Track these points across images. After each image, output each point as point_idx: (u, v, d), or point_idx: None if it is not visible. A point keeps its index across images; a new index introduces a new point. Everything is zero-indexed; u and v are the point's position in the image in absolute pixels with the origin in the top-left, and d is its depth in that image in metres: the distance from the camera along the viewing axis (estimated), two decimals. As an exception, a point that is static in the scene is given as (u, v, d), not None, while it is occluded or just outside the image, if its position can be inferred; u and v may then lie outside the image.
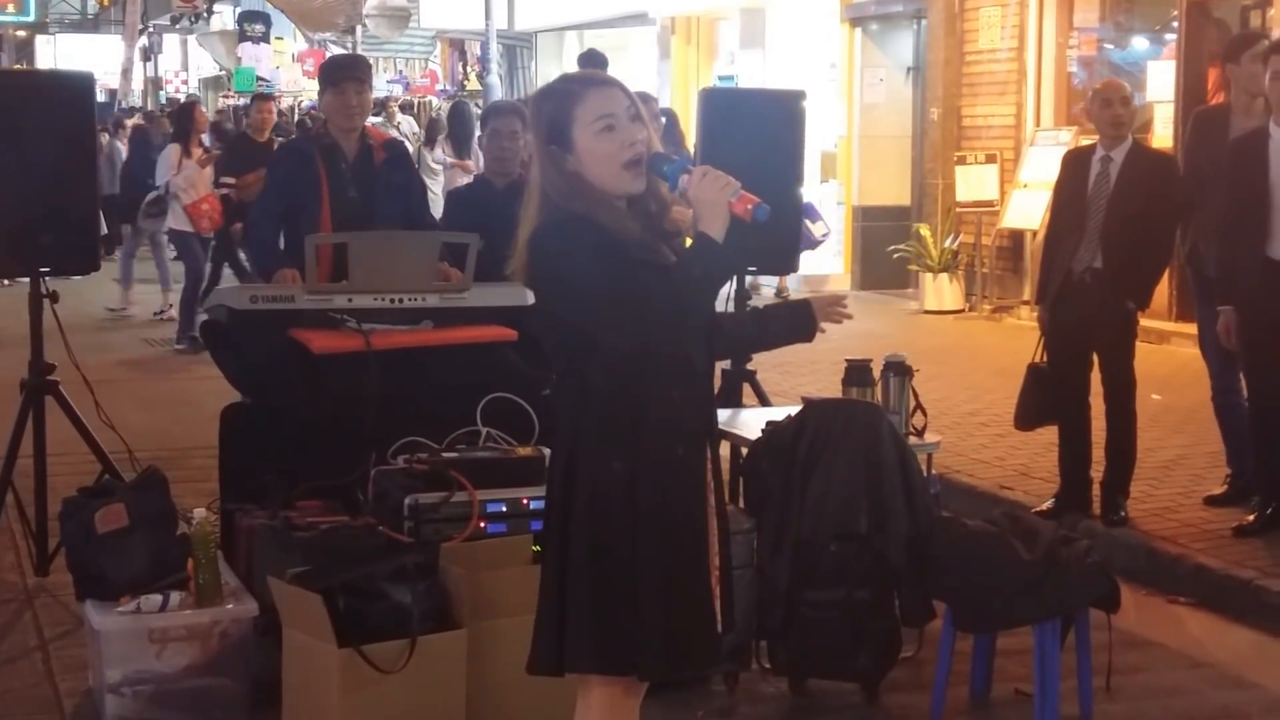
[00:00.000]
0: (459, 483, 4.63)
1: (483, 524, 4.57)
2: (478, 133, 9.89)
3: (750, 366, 6.82)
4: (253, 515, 4.86)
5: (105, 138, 21.22)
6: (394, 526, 4.55)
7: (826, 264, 15.09)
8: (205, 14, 33.19)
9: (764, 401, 6.72)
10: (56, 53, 39.81)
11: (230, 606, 4.43)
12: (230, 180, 11.26)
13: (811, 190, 13.43)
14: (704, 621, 3.20)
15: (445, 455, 4.83)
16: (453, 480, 4.63)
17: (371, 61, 8.57)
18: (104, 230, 9.86)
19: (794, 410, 4.91)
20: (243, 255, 11.38)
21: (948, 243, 13.41)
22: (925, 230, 13.63)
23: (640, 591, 3.12)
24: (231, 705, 4.40)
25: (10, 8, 33.29)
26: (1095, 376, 6.41)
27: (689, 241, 3.20)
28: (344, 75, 6.00)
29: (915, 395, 5.25)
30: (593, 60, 9.81)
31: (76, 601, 4.78)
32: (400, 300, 5.29)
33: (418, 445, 4.90)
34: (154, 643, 4.32)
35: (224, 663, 4.38)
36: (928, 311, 13.27)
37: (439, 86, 29.44)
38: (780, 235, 6.70)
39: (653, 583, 3.12)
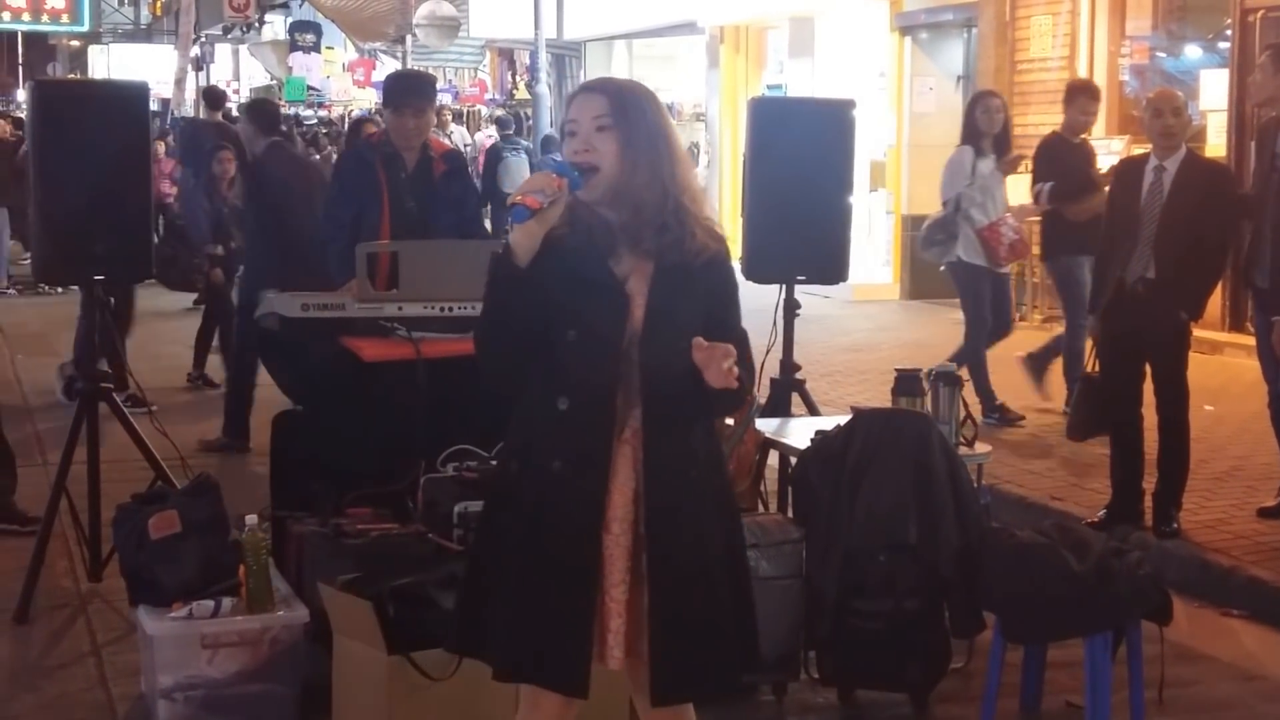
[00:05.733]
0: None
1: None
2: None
3: (799, 376, 6.81)
4: (304, 522, 4.89)
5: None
6: (443, 534, 4.57)
7: (876, 273, 15.06)
8: (257, 24, 33.42)
9: (813, 411, 6.70)
10: (110, 63, 40.20)
11: (281, 613, 4.46)
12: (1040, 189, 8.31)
13: (861, 199, 13.41)
14: (563, 642, 3.10)
15: (494, 464, 4.84)
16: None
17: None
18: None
19: (843, 420, 4.90)
20: None
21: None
22: (975, 240, 13.55)
23: (500, 590, 3.14)
24: (282, 711, 4.42)
25: (65, 18, 33.61)
26: (1148, 387, 6.36)
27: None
28: (404, 101, 6.04)
29: (965, 405, 5.23)
30: None
31: (129, 607, 4.82)
32: (450, 309, 5.33)
33: (467, 453, 4.92)
34: (206, 648, 4.35)
35: (275, 669, 4.41)
36: (977, 321, 13.20)
37: (488, 96, 29.55)
38: (828, 245, 6.70)
39: (510, 585, 3.13)
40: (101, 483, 5.78)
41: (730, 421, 4.97)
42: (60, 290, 12.81)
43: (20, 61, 45.31)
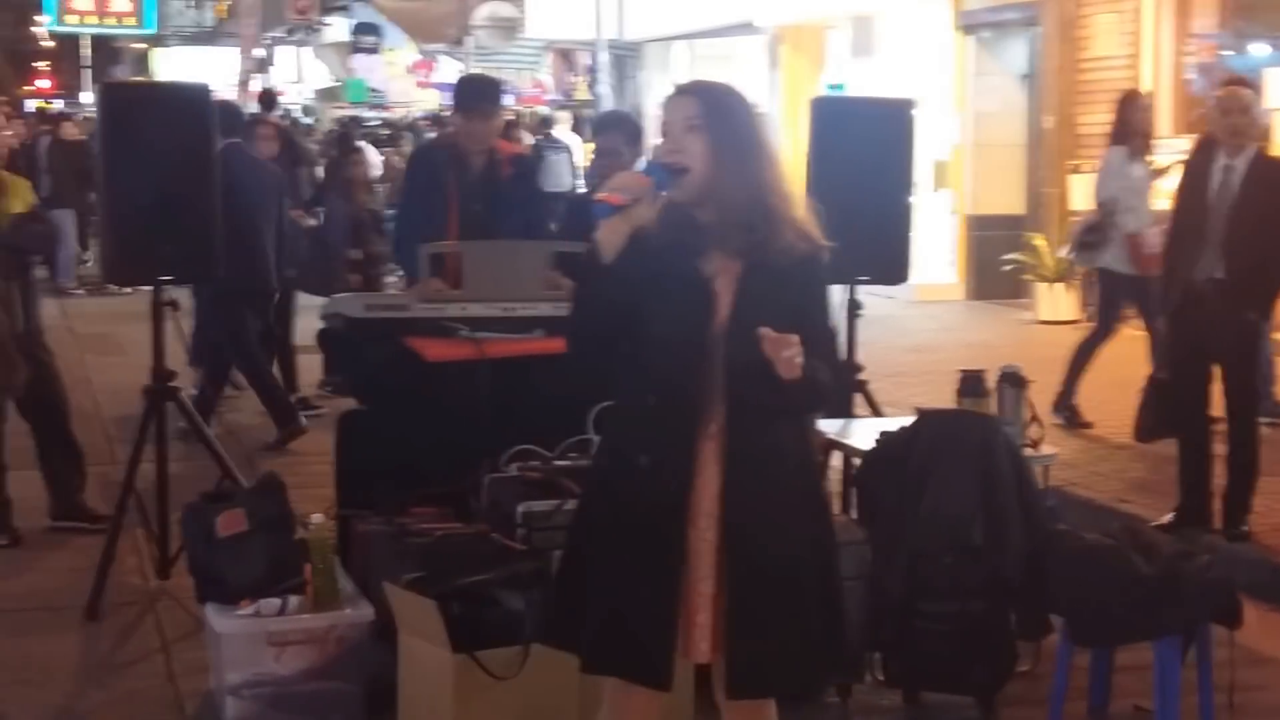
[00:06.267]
0: (571, 491, 4.64)
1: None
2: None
3: (862, 377, 6.77)
4: (368, 521, 4.92)
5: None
6: (507, 534, 4.58)
7: (940, 274, 14.97)
8: (320, 26, 33.65)
9: (876, 412, 6.66)
10: (174, 65, 40.59)
11: (347, 611, 4.48)
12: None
13: (925, 199, 13.33)
14: (647, 635, 3.15)
15: (557, 464, 4.85)
16: (565, 488, 4.65)
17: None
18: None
19: (907, 421, 4.88)
20: None
21: (1063, 252, 13.23)
22: (1040, 240, 13.47)
23: (589, 583, 3.22)
24: (348, 708, 4.45)
25: (131, 21, 33.99)
26: (1217, 388, 6.29)
27: None
28: (472, 105, 6.09)
29: (1031, 406, 5.19)
30: None
31: (197, 604, 4.86)
32: (512, 309, 5.34)
33: (530, 453, 4.93)
34: (273, 646, 4.38)
35: (341, 666, 4.43)
36: (1042, 322, 13.11)
37: (548, 96, 29.60)
38: (889, 245, 6.66)
39: (598, 578, 3.20)
40: (169, 481, 5.83)
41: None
42: (129, 290, 12.92)
43: (88, 65, 45.82)
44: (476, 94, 6.30)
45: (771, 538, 3.17)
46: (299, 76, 38.88)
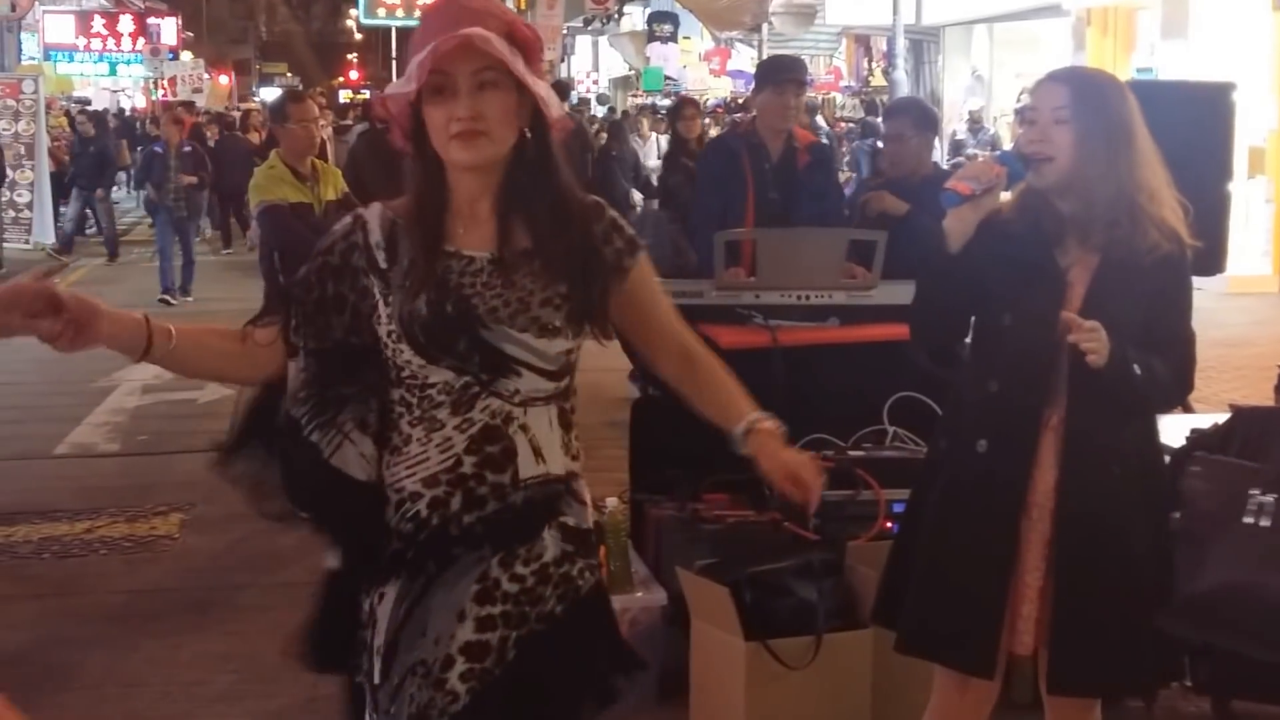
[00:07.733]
0: (865, 481, 4.60)
1: (888, 524, 4.51)
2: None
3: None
4: (661, 506, 4.95)
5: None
6: (799, 523, 4.55)
7: (1254, 264, 14.29)
8: (616, 15, 34.16)
9: (1186, 408, 6.39)
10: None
11: (640, 595, 4.53)
12: None
13: (1238, 187, 12.73)
14: (972, 622, 3.12)
15: (851, 453, 4.80)
16: (859, 479, 4.60)
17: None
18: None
19: (1220, 417, 4.66)
20: None
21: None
22: (1364, 229, 12.75)
23: (917, 564, 3.19)
24: (640, 691, 4.48)
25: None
26: None
27: None
28: (786, 77, 6.09)
29: (1357, 406, 4.91)
30: None
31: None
32: (807, 297, 5.31)
33: (823, 442, 4.89)
34: (568, 625, 4.44)
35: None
36: (1365, 317, 12.43)
37: (843, 83, 29.39)
38: (1205, 235, 6.34)
39: (925, 560, 3.18)
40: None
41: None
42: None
43: (394, 56, 47.57)
44: (784, 67, 6.31)
45: (1106, 536, 3.10)
46: (595, 65, 39.56)
